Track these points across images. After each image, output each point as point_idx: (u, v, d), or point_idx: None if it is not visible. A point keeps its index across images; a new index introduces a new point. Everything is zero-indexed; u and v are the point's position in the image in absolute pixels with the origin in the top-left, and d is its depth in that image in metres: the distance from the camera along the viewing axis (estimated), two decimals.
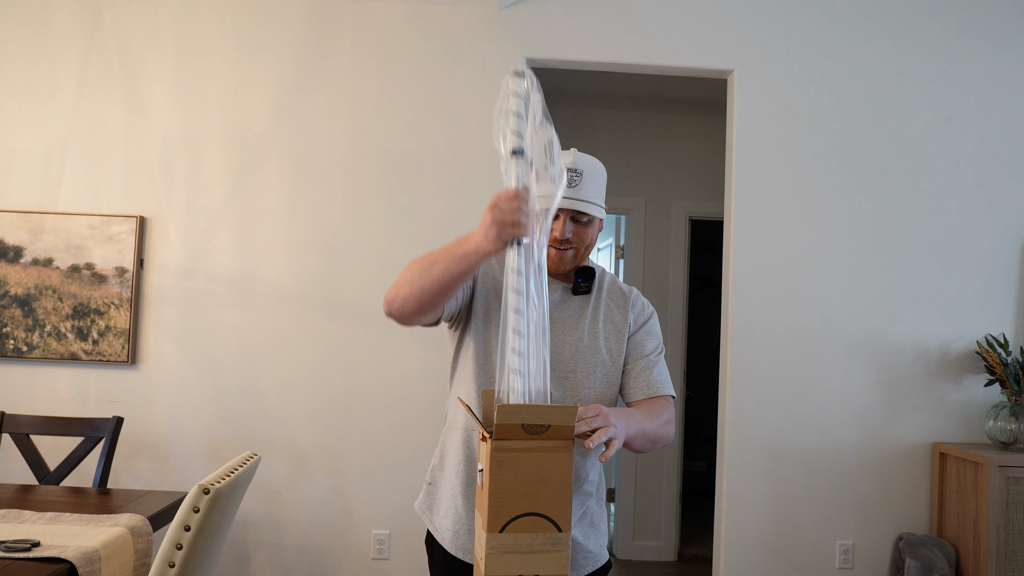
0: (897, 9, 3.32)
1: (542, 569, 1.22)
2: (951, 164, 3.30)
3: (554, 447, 1.23)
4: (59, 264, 3.14)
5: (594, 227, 1.62)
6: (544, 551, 1.22)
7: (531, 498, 1.22)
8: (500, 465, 1.22)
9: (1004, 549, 2.90)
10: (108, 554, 1.89)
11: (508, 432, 1.22)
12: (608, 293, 1.68)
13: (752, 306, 3.24)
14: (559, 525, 1.22)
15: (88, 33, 3.20)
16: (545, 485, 1.22)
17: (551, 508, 1.23)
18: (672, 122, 4.61)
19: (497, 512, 1.22)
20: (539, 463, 1.23)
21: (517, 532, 1.22)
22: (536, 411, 1.21)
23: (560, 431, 1.22)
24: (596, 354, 1.60)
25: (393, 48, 3.24)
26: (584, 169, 1.57)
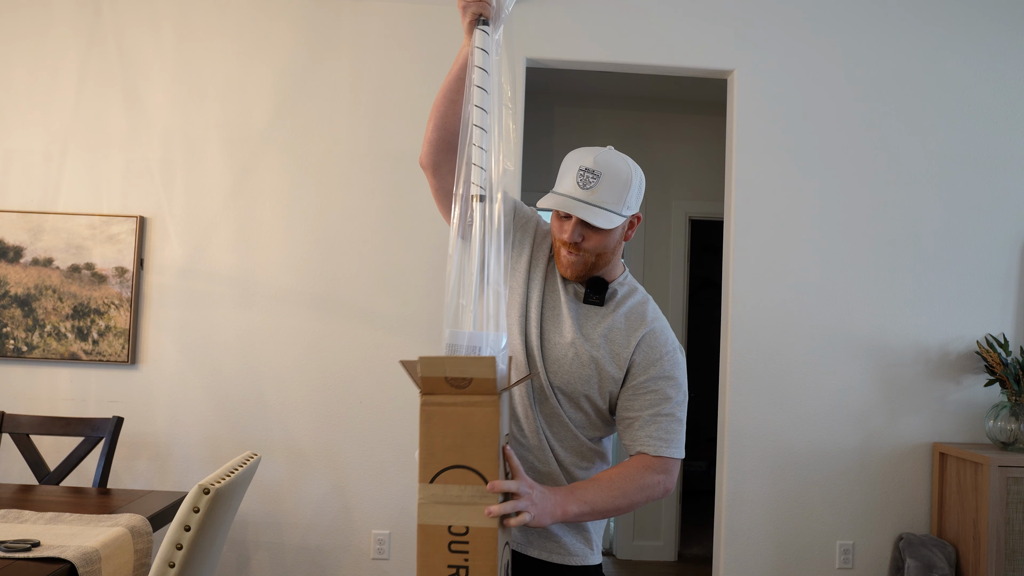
0: (897, 8, 3.32)
1: (471, 521, 1.26)
2: (951, 164, 3.30)
3: (480, 402, 1.27)
4: (59, 264, 3.14)
5: (610, 236, 1.48)
6: (472, 503, 1.26)
7: (458, 451, 1.28)
8: (429, 419, 1.30)
9: (1004, 549, 2.90)
10: (108, 554, 1.89)
11: (434, 386, 1.29)
12: (626, 313, 1.54)
13: (752, 306, 3.24)
14: (486, 478, 1.26)
15: (88, 33, 3.20)
16: (471, 439, 1.27)
17: (477, 461, 1.27)
18: (672, 122, 4.61)
19: (427, 463, 1.30)
20: (466, 417, 1.28)
21: (447, 483, 1.28)
22: (456, 363, 1.26)
23: (483, 384, 1.26)
24: (585, 366, 1.51)
25: (393, 48, 3.24)
26: (604, 171, 1.44)
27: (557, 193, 1.48)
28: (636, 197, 1.50)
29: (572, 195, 1.45)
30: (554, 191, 1.49)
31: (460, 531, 1.27)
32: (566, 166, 1.50)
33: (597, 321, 1.54)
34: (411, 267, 3.20)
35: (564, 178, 1.48)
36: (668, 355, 1.53)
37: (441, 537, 1.28)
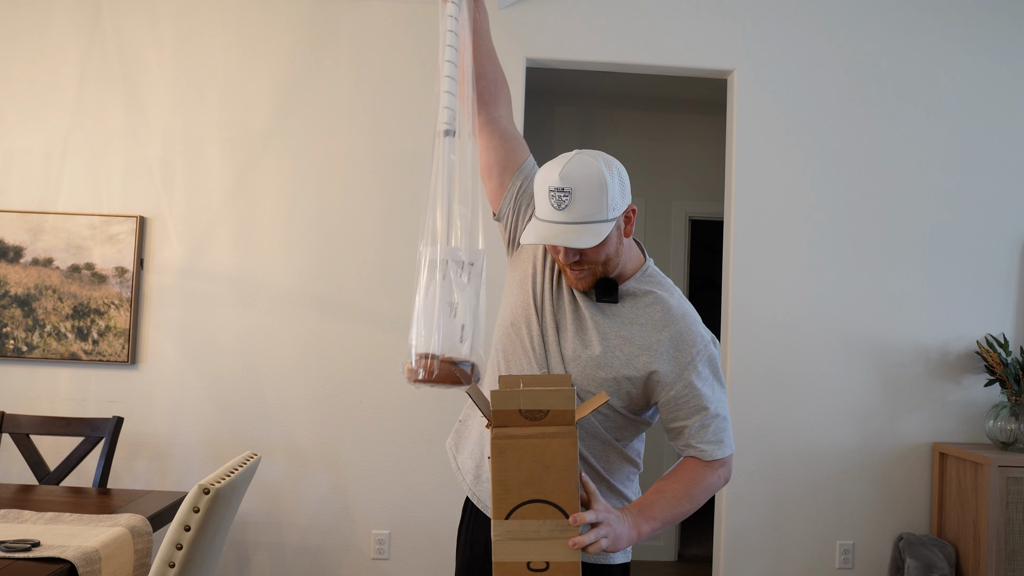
0: (897, 8, 3.32)
1: (551, 556, 1.22)
2: (951, 164, 3.30)
3: (556, 433, 1.22)
4: (59, 264, 3.14)
5: (607, 242, 1.43)
6: (552, 537, 1.22)
7: (535, 485, 1.22)
8: (501, 453, 1.22)
9: (1004, 549, 2.90)
10: (108, 554, 1.89)
11: (507, 419, 1.22)
12: (646, 311, 1.50)
13: (752, 306, 3.24)
14: (565, 511, 1.22)
15: (88, 33, 3.20)
16: (549, 472, 1.22)
17: (556, 495, 1.22)
18: (672, 122, 4.61)
19: (502, 499, 1.22)
20: (541, 450, 1.22)
21: (523, 519, 1.22)
22: (531, 396, 1.21)
23: (560, 416, 1.21)
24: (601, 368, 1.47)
25: (393, 48, 3.24)
26: (574, 184, 1.37)
27: (538, 219, 1.43)
28: (620, 194, 1.42)
29: (551, 219, 1.39)
30: (535, 216, 1.45)
31: (540, 566, 1.23)
32: (537, 187, 1.44)
33: (615, 322, 1.49)
34: (411, 267, 3.20)
35: (539, 201, 1.43)
36: (700, 354, 1.47)
37: (520, 573, 1.23)
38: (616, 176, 1.42)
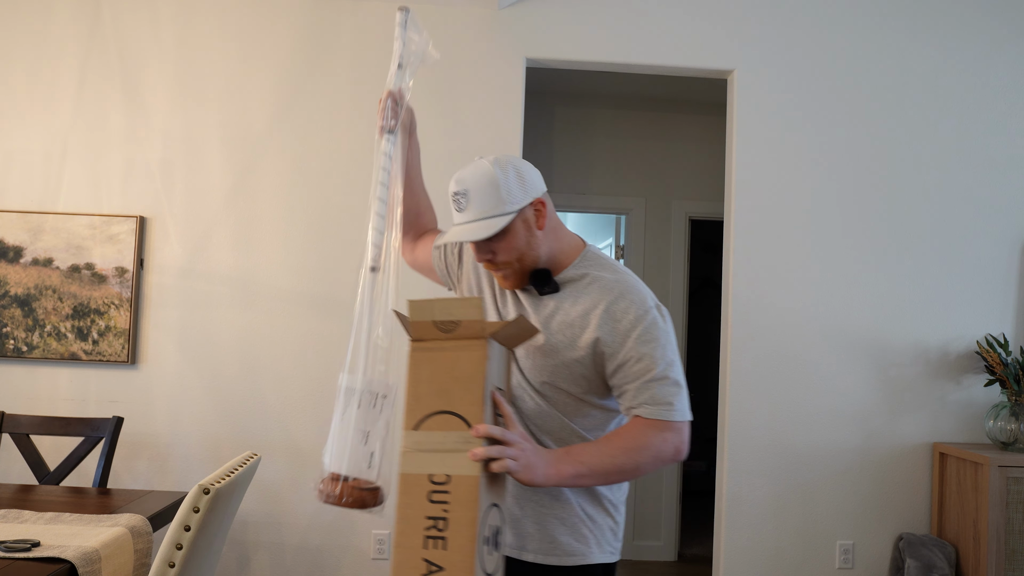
0: (897, 9, 3.32)
1: (453, 469, 1.19)
2: (951, 163, 3.30)
3: (466, 346, 1.24)
4: (59, 264, 3.14)
5: (514, 237, 1.47)
6: (456, 450, 1.20)
7: (444, 396, 1.23)
8: (416, 364, 1.25)
9: (1004, 549, 2.90)
10: (108, 554, 1.89)
11: (423, 331, 1.25)
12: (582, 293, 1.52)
13: (752, 306, 3.24)
14: (470, 423, 1.21)
15: (88, 33, 3.20)
16: (457, 384, 1.23)
17: (463, 406, 1.22)
18: (672, 122, 4.61)
19: (412, 410, 1.24)
20: (452, 362, 1.24)
21: (430, 430, 1.22)
22: (444, 305, 1.23)
23: (471, 328, 1.22)
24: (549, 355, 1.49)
25: (393, 48, 3.24)
26: (468, 187, 1.46)
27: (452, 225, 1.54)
28: (518, 188, 1.47)
29: (456, 222, 1.49)
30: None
31: (441, 480, 1.19)
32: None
33: (556, 310, 1.52)
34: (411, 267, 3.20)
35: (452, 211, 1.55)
36: (641, 319, 1.46)
37: (421, 487, 1.20)
38: (511, 172, 1.48)
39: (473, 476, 1.18)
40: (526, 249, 1.49)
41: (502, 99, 3.24)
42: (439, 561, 1.16)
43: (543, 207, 1.51)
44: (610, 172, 4.58)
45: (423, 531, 1.18)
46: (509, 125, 3.24)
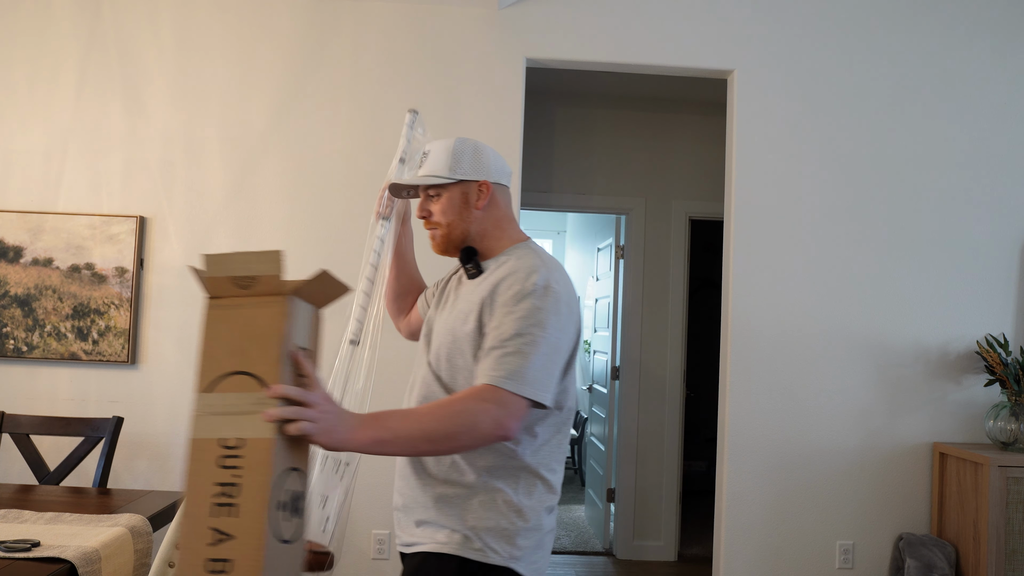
0: (897, 8, 3.32)
1: (246, 432, 1.11)
2: (951, 164, 3.30)
3: (265, 303, 1.16)
4: (59, 264, 3.14)
5: (445, 200, 1.56)
6: (249, 412, 1.12)
7: (239, 356, 1.15)
8: (212, 323, 1.17)
9: (1004, 549, 2.90)
10: (108, 554, 1.89)
11: (221, 288, 1.17)
12: (491, 272, 1.52)
13: (752, 306, 3.24)
14: (268, 383, 1.13)
15: (88, 33, 3.20)
16: (254, 342, 1.14)
17: (259, 366, 1.14)
18: (672, 122, 4.61)
19: (206, 371, 1.15)
20: (250, 319, 1.15)
21: (224, 392, 1.14)
22: (242, 260, 1.16)
23: (270, 283, 1.15)
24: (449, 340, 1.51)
25: (393, 48, 3.24)
26: (432, 148, 1.58)
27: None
28: (469, 163, 1.56)
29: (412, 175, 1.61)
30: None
31: (233, 444, 1.11)
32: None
33: (471, 290, 1.54)
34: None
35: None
36: (519, 292, 1.42)
37: (211, 452, 1.10)
38: (471, 148, 1.57)
39: (266, 439, 1.10)
40: (457, 219, 1.57)
41: (502, 99, 3.24)
42: (228, 529, 1.09)
43: (486, 190, 1.57)
44: (610, 172, 4.58)
45: (211, 498, 1.09)
46: (509, 125, 3.24)
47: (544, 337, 1.39)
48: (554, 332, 1.41)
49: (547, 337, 1.40)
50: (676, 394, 4.56)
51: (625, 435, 4.51)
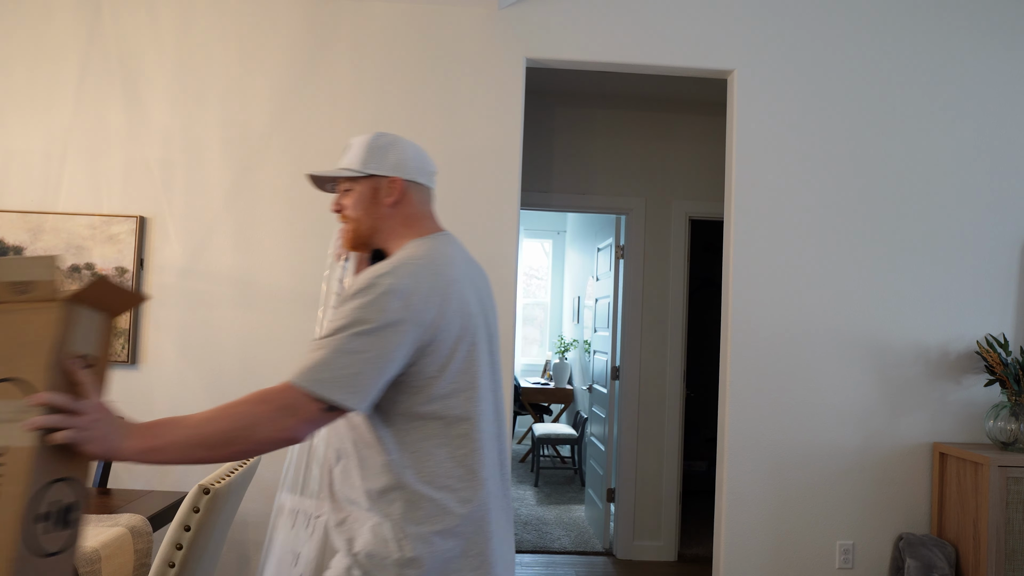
0: (897, 9, 3.32)
1: (6, 440, 1.07)
2: (952, 164, 3.30)
3: (38, 308, 1.13)
4: (59, 264, 3.14)
5: (357, 197, 1.52)
6: (11, 420, 1.08)
7: (8, 362, 1.11)
8: None
9: (1004, 549, 2.90)
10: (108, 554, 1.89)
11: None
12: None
13: (752, 306, 3.24)
14: (35, 390, 1.10)
15: (88, 33, 3.20)
16: (24, 349, 1.11)
17: (27, 373, 1.11)
18: (672, 122, 4.62)
19: None
20: (22, 325, 1.12)
21: None
22: (17, 265, 1.14)
23: (45, 289, 1.12)
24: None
25: (393, 48, 3.24)
26: (353, 142, 1.56)
27: None
28: (379, 158, 1.53)
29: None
30: None
31: None
32: None
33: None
34: None
35: None
36: (352, 290, 1.33)
37: None
38: (386, 143, 1.54)
39: (26, 448, 1.06)
40: (364, 215, 1.53)
41: (502, 99, 3.25)
42: None
43: (397, 187, 1.52)
44: (610, 172, 4.58)
45: None
46: (509, 125, 3.24)
47: (354, 335, 1.28)
48: (374, 331, 1.28)
49: (360, 335, 1.28)
50: (676, 394, 4.56)
51: (625, 435, 4.51)
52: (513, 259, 3.22)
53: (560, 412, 7.51)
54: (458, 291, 1.40)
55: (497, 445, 1.49)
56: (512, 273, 3.22)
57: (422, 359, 1.35)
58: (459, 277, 1.43)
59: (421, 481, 1.35)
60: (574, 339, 7.51)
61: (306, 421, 1.24)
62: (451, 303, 1.38)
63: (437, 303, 1.35)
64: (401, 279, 1.33)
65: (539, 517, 5.36)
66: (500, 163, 3.23)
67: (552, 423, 7.04)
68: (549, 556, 4.52)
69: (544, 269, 8.78)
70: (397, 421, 1.37)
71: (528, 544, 4.70)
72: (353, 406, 1.26)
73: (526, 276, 8.76)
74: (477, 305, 1.47)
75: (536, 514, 5.44)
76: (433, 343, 1.35)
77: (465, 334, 1.40)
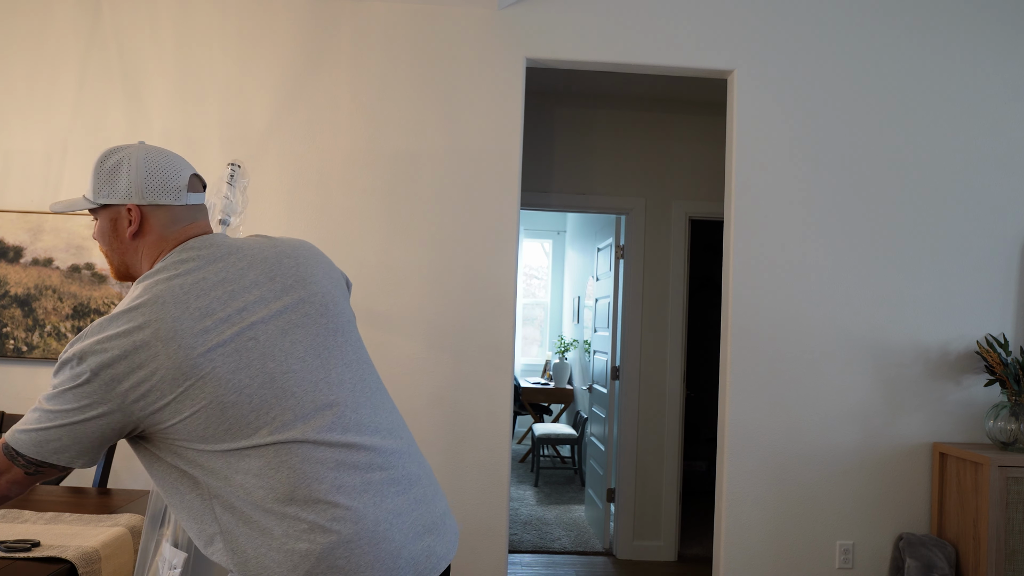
0: (897, 9, 3.32)
1: None
2: (951, 164, 3.30)
3: None
4: (59, 264, 3.14)
5: (99, 230, 1.38)
6: None
7: None
8: None
9: (1004, 549, 2.90)
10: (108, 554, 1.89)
11: None
12: None
13: (752, 306, 3.24)
14: None
15: (88, 32, 3.20)
16: None
17: None
18: (672, 122, 4.62)
19: None
20: None
21: None
22: None
23: None
24: None
25: (393, 48, 3.24)
26: (93, 163, 1.41)
27: None
28: (109, 185, 1.35)
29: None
30: None
31: None
32: None
33: None
34: (410, 267, 3.20)
35: None
36: (59, 359, 1.25)
37: None
38: (108, 166, 1.36)
39: None
40: (110, 250, 1.39)
41: (502, 99, 3.25)
42: None
43: (132, 214, 1.35)
44: (610, 172, 4.58)
45: None
46: (509, 125, 3.24)
47: (60, 413, 1.22)
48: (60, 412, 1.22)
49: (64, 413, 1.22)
50: (676, 394, 4.56)
51: (625, 435, 4.52)
52: (513, 259, 3.22)
53: (560, 412, 7.51)
54: (172, 333, 1.22)
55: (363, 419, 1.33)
56: (512, 273, 3.22)
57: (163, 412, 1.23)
58: (176, 316, 1.23)
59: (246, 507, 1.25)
60: (574, 339, 7.51)
61: (12, 482, 1.25)
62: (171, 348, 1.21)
63: (137, 363, 1.20)
64: (96, 355, 1.21)
65: (539, 517, 5.36)
66: (500, 163, 3.23)
67: (552, 423, 7.04)
68: (549, 556, 4.52)
69: (544, 269, 8.79)
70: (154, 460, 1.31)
71: (528, 544, 4.71)
72: (53, 462, 1.24)
73: (526, 276, 8.76)
74: (233, 313, 1.27)
75: (536, 514, 5.44)
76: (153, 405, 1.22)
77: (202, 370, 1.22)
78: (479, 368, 3.18)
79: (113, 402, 1.20)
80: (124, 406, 1.21)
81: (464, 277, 3.20)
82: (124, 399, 1.20)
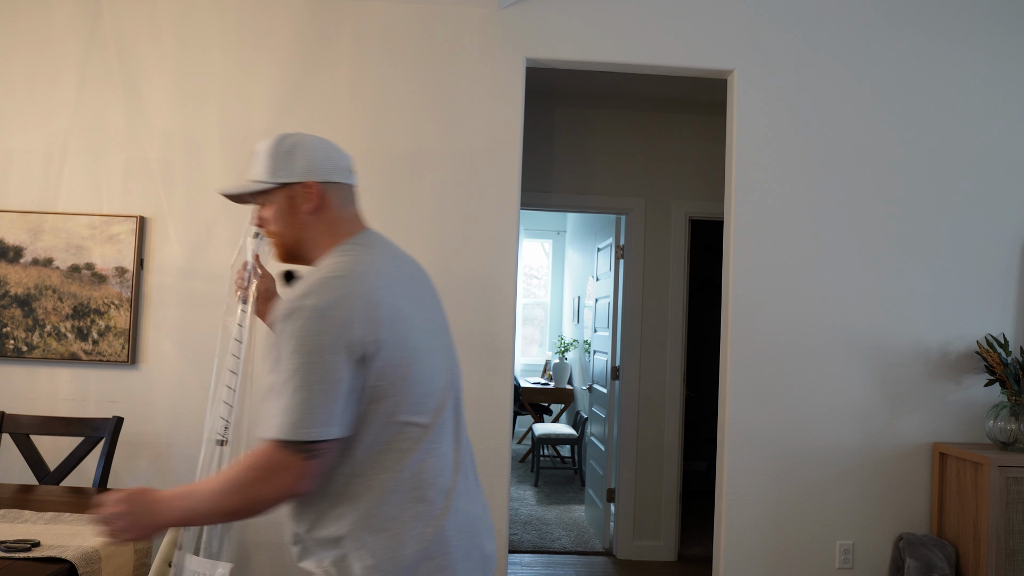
0: (897, 9, 3.32)
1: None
2: (951, 164, 3.30)
3: None
4: (59, 264, 3.14)
5: (274, 209, 1.45)
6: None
7: None
8: None
9: (1004, 549, 2.90)
10: (108, 554, 1.89)
11: None
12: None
13: (752, 306, 3.24)
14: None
15: (88, 32, 3.20)
16: None
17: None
18: (672, 122, 4.62)
19: None
20: None
21: None
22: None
23: None
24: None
25: (393, 48, 3.24)
26: (259, 150, 1.46)
27: None
28: (287, 164, 1.43)
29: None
30: None
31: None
32: None
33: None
34: None
35: None
36: (285, 313, 1.28)
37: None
38: (285, 147, 1.44)
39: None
40: (285, 228, 1.46)
41: (502, 99, 3.25)
42: None
43: (311, 191, 1.43)
44: (610, 172, 4.58)
45: None
46: (509, 125, 3.24)
47: (307, 358, 1.26)
48: (313, 359, 1.25)
49: (303, 367, 1.25)
50: (676, 394, 4.56)
51: (625, 435, 4.52)
52: (513, 259, 3.22)
53: (560, 412, 7.51)
54: (381, 299, 1.32)
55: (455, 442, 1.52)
56: (512, 273, 3.22)
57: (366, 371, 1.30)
58: (382, 284, 1.34)
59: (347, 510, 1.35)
60: (574, 339, 7.51)
61: (294, 471, 1.25)
62: (379, 312, 1.31)
63: (361, 316, 1.29)
64: (322, 298, 1.28)
65: (539, 517, 5.36)
66: (500, 163, 3.23)
67: (552, 423, 7.04)
68: (549, 556, 4.52)
69: (544, 269, 8.79)
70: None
71: (528, 544, 4.71)
72: (334, 434, 1.26)
73: (526, 276, 8.76)
74: (410, 306, 1.39)
75: (536, 514, 5.45)
76: (367, 357, 1.29)
77: (398, 339, 1.32)
78: (479, 368, 3.18)
79: (341, 341, 1.30)
80: (347, 343, 1.31)
81: (464, 277, 3.20)
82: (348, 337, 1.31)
